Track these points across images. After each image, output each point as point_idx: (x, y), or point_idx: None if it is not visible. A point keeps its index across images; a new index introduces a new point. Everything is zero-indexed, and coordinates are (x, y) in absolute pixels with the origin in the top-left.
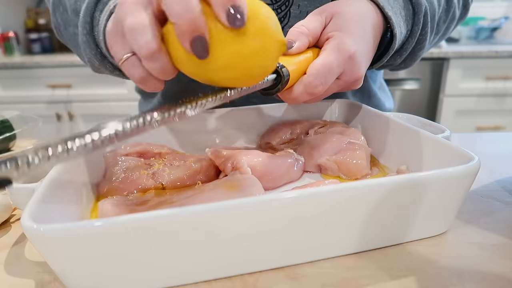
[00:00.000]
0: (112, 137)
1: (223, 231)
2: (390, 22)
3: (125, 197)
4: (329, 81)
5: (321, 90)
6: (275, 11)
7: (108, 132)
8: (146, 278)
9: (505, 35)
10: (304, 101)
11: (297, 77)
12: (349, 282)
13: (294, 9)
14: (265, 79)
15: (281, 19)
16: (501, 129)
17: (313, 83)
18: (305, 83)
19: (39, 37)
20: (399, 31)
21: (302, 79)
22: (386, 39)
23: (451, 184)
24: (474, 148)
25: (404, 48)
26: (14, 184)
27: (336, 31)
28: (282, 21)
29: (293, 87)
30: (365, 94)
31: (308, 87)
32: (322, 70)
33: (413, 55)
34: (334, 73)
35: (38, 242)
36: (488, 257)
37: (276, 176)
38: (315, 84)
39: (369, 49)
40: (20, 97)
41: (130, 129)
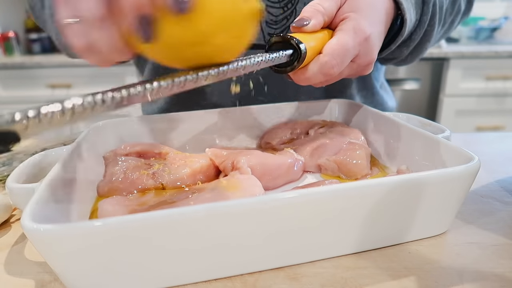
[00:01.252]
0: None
1: (223, 231)
2: (401, 8)
3: (125, 197)
4: (345, 62)
5: (336, 71)
6: (281, 9)
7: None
8: (146, 278)
9: (505, 35)
10: (316, 83)
11: (311, 57)
12: (349, 282)
13: (300, 6)
14: (281, 54)
15: (287, 18)
16: (501, 129)
17: (329, 63)
18: (321, 63)
19: (39, 37)
20: (409, 18)
21: (317, 59)
22: (396, 27)
23: (451, 184)
24: (474, 148)
25: (412, 39)
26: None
27: (351, 12)
28: (288, 20)
29: (308, 66)
30: (369, 92)
31: (324, 67)
32: (339, 50)
33: (420, 47)
34: (350, 54)
35: (38, 242)
36: (488, 257)
37: (276, 176)
38: (332, 64)
39: (381, 34)
40: (20, 97)
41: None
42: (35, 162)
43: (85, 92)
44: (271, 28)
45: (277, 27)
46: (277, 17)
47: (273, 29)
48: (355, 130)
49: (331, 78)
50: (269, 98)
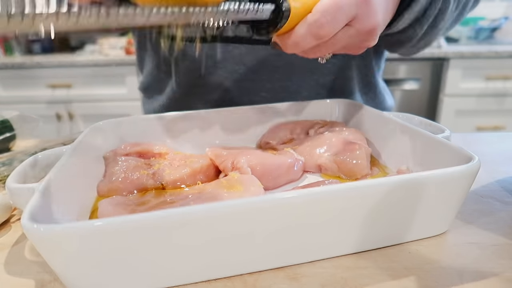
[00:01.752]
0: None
1: (223, 231)
2: None
3: (125, 197)
4: (339, 21)
5: (328, 31)
6: None
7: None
8: (146, 278)
9: (505, 35)
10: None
11: (299, 18)
12: (349, 282)
13: None
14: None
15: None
16: (501, 129)
17: (319, 21)
18: (309, 22)
19: (39, 37)
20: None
21: (306, 18)
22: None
23: (451, 184)
24: (474, 148)
25: (426, 16)
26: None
27: None
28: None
29: (296, 27)
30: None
31: (313, 26)
32: (330, 7)
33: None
34: (344, 12)
35: (38, 242)
36: (488, 257)
37: (276, 176)
38: (321, 22)
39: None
40: (20, 97)
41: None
42: (35, 162)
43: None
44: None
45: None
46: None
47: None
48: (355, 130)
49: (324, 42)
50: (272, 93)
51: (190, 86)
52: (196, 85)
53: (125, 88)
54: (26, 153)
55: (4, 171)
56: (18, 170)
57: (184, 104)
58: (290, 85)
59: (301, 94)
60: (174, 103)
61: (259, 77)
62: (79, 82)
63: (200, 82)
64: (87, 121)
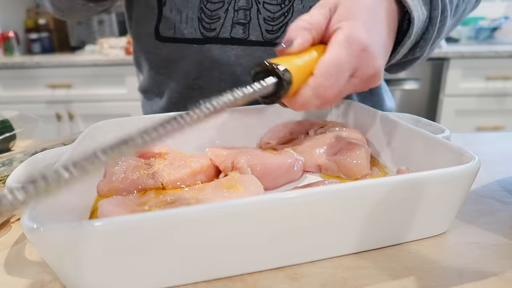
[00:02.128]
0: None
1: (223, 231)
2: (406, 5)
3: (125, 197)
4: (341, 80)
5: (332, 92)
6: (278, 6)
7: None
8: (146, 278)
9: (505, 35)
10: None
11: (302, 80)
12: (349, 282)
13: (297, 3)
14: (264, 84)
15: (284, 14)
16: (501, 129)
17: (322, 85)
18: (313, 86)
19: (39, 37)
20: (417, 15)
21: (309, 82)
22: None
23: (451, 184)
24: (474, 148)
25: (424, 39)
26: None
27: (343, 21)
28: (285, 17)
29: (300, 91)
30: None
31: (318, 90)
32: (331, 68)
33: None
34: (345, 70)
35: (38, 242)
36: (487, 257)
37: (276, 176)
38: (325, 86)
39: (385, 39)
40: (20, 97)
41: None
42: (35, 162)
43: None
44: (269, 25)
45: (275, 24)
46: (274, 14)
47: (271, 26)
48: (355, 130)
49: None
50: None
51: (188, 89)
52: (194, 87)
53: (125, 88)
54: (26, 153)
55: (4, 171)
56: (18, 170)
57: (182, 106)
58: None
59: None
60: (172, 106)
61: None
62: (79, 82)
63: (197, 84)
64: (87, 121)
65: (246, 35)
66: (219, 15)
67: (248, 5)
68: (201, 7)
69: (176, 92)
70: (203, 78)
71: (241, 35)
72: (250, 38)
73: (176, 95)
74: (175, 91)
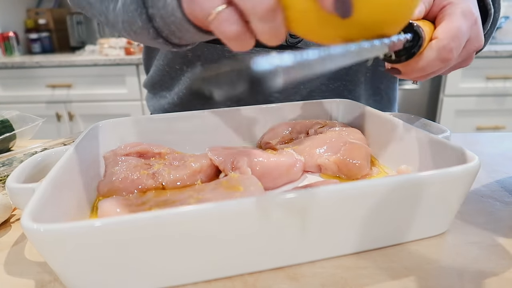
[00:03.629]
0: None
1: (223, 231)
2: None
3: (125, 197)
4: (462, 45)
5: (455, 54)
6: None
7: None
8: (146, 277)
9: (505, 35)
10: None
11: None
12: (349, 282)
13: None
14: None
15: None
16: (501, 129)
17: (448, 46)
18: (438, 48)
19: (39, 37)
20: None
21: (433, 45)
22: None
23: (451, 184)
24: (474, 148)
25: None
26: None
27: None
28: None
29: (423, 54)
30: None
31: (443, 52)
32: (455, 32)
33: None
34: (465, 37)
35: (38, 242)
36: (487, 257)
37: (276, 176)
38: (451, 47)
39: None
40: (20, 97)
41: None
42: (35, 162)
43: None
44: None
45: None
46: None
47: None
48: (355, 130)
49: (447, 65)
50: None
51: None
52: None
53: (125, 88)
54: (26, 153)
55: (4, 171)
56: (18, 170)
57: (194, 103)
58: (303, 89)
59: (313, 98)
60: (183, 102)
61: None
62: (79, 82)
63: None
64: (87, 121)
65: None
66: None
67: None
68: None
69: (190, 88)
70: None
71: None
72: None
73: (188, 91)
74: (189, 88)
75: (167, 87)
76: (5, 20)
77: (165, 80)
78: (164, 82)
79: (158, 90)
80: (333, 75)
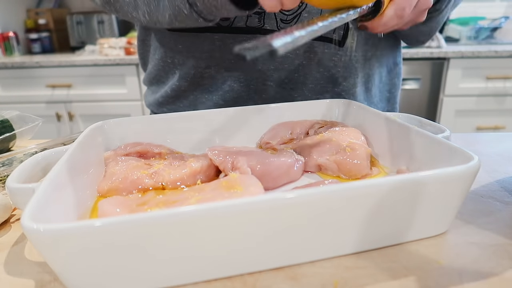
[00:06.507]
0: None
1: (223, 231)
2: None
3: (125, 197)
4: (413, 4)
5: (407, 12)
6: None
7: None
8: (145, 278)
9: (505, 35)
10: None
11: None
12: (349, 282)
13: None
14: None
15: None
16: (501, 129)
17: (402, 6)
18: (395, 7)
19: (39, 37)
20: None
21: (391, 5)
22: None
23: (451, 184)
24: (474, 148)
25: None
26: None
27: None
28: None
29: (385, 12)
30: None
31: (398, 10)
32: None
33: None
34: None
35: (38, 242)
36: (487, 257)
37: (276, 176)
38: (403, 6)
39: None
40: (20, 97)
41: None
42: (35, 162)
43: (85, 92)
44: (284, 14)
45: (289, 14)
46: None
47: (286, 15)
48: (355, 130)
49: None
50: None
51: (197, 77)
52: (204, 75)
53: (125, 88)
54: (26, 153)
55: (4, 171)
56: (18, 170)
57: (187, 94)
58: (297, 77)
59: (307, 86)
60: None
61: (267, 66)
62: (79, 82)
63: (207, 73)
64: (87, 121)
65: (261, 24)
66: None
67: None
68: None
69: (185, 81)
70: (215, 67)
71: (257, 24)
72: (265, 26)
73: (185, 83)
74: (183, 80)
75: (163, 81)
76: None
77: (161, 74)
78: (160, 76)
79: (155, 85)
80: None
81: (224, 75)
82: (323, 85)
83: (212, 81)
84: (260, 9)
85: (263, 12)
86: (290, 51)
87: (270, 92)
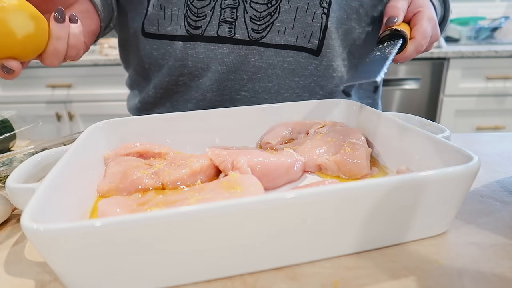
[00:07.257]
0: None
1: (223, 231)
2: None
3: (125, 197)
4: (428, 40)
5: (424, 47)
6: (265, 5)
7: None
8: (145, 278)
9: (505, 35)
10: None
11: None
12: (349, 282)
13: (284, 3)
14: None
15: (271, 14)
16: (501, 129)
17: (421, 43)
18: (415, 44)
19: None
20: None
21: (413, 42)
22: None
23: (451, 184)
24: (474, 148)
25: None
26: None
27: (421, 7)
28: (271, 16)
29: (407, 48)
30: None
31: (418, 46)
32: (425, 32)
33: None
34: (430, 35)
35: (38, 242)
36: (487, 257)
37: (276, 176)
38: (422, 43)
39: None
40: (20, 97)
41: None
42: (35, 162)
43: (85, 92)
44: (255, 24)
45: (261, 23)
46: (261, 13)
47: (257, 25)
48: (355, 130)
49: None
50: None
51: (172, 84)
52: (178, 83)
53: (125, 88)
54: (26, 153)
55: (4, 171)
56: (18, 170)
57: (164, 101)
58: (271, 86)
59: (282, 96)
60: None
61: (240, 76)
62: (79, 82)
63: (181, 81)
64: (87, 121)
65: (232, 33)
66: (205, 13)
67: (235, 4)
68: (187, 4)
69: (160, 88)
70: (188, 75)
71: (227, 33)
72: (236, 36)
73: (160, 90)
74: (159, 87)
75: (142, 85)
76: None
77: (139, 80)
78: (139, 81)
79: (136, 89)
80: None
81: (197, 83)
82: (298, 94)
83: (186, 89)
84: (230, 18)
85: (234, 21)
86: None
87: (244, 102)
